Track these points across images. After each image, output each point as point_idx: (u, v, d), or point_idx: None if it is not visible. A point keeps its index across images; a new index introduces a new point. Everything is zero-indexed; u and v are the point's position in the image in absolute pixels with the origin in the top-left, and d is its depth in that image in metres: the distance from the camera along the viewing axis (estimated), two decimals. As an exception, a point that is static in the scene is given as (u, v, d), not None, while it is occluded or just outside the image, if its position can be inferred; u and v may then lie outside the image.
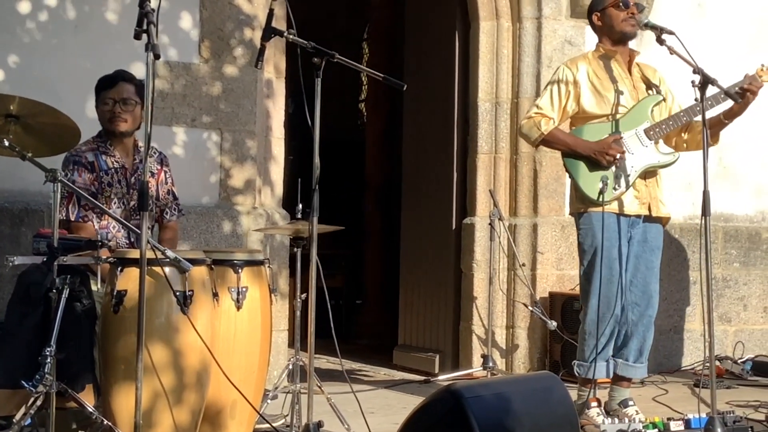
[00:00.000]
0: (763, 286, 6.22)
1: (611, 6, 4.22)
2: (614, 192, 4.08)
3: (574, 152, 4.13)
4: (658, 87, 4.29)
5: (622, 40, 4.27)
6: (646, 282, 4.21)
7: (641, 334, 4.22)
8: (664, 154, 4.20)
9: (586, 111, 4.19)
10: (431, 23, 6.10)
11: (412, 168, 6.33)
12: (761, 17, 6.27)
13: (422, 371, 5.76)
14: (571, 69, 4.22)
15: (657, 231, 4.26)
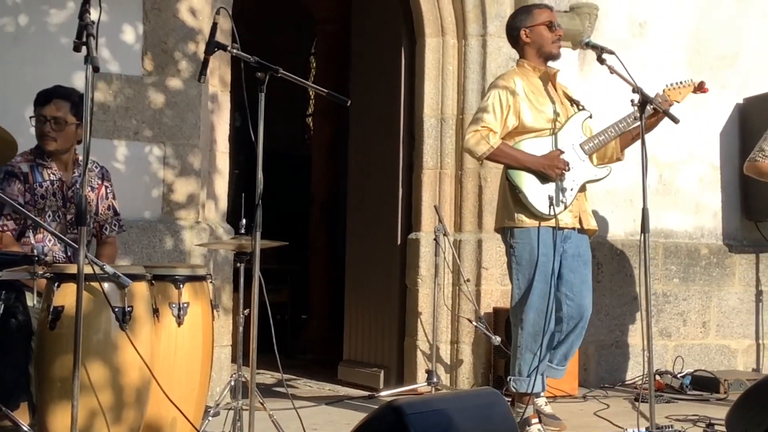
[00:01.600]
0: (701, 302, 6.32)
1: (542, 25, 4.29)
2: (561, 206, 4.13)
3: (522, 166, 4.13)
4: (579, 103, 4.37)
5: (547, 60, 4.34)
6: (582, 296, 4.25)
7: (570, 342, 4.30)
8: (599, 168, 4.29)
9: (525, 125, 4.22)
10: (377, 39, 6.12)
11: (357, 183, 6.33)
12: (699, 36, 6.40)
13: (367, 387, 5.74)
14: (508, 84, 4.25)
15: (587, 245, 4.33)
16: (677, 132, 6.04)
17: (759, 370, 6.33)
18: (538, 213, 4.11)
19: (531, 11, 4.41)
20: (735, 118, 6.48)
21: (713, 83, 6.45)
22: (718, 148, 6.45)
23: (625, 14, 6.19)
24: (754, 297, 6.45)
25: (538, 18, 4.31)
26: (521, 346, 4.20)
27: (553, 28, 4.29)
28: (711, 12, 6.44)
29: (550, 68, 4.38)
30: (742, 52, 6.53)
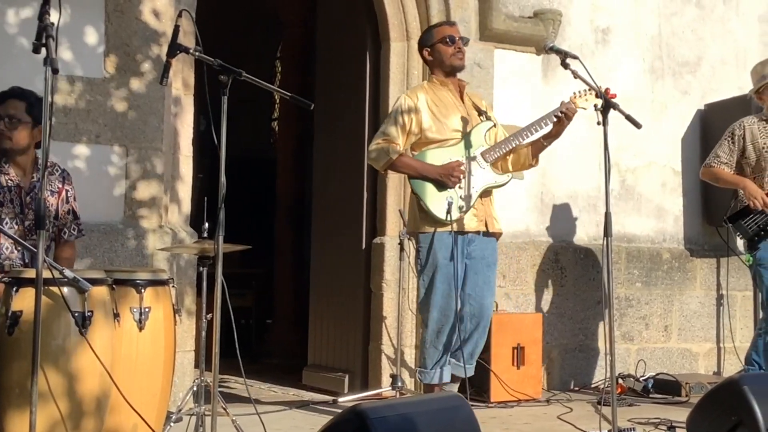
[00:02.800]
0: (663, 306, 6.38)
1: (439, 42, 4.58)
2: (459, 212, 4.39)
3: (421, 175, 4.41)
4: (487, 113, 4.64)
5: (452, 72, 4.63)
6: (483, 296, 4.56)
7: (474, 340, 4.59)
8: (499, 175, 4.55)
9: (428, 137, 4.50)
10: (342, 43, 6.12)
11: (322, 187, 6.32)
12: (661, 42, 6.47)
13: (331, 391, 5.72)
14: (411, 98, 4.54)
15: (492, 248, 4.62)
16: (639, 137, 6.13)
17: (720, 374, 6.40)
18: (437, 219, 4.37)
19: (432, 30, 4.75)
20: (696, 123, 6.56)
21: (675, 89, 6.58)
22: (680, 153, 6.52)
23: (588, 20, 6.24)
24: (715, 301, 6.53)
25: (437, 35, 4.63)
26: (426, 341, 4.52)
27: (452, 42, 4.57)
28: (673, 19, 6.51)
29: (462, 81, 4.69)
30: (703, 58, 6.61)
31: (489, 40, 5.81)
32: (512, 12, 5.92)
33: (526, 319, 5.59)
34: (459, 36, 4.62)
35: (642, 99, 6.38)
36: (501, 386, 5.29)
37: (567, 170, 6.11)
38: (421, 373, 4.56)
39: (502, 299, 5.80)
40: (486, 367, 5.29)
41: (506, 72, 5.91)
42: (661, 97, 6.46)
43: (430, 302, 4.45)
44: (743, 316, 6.53)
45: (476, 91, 5.73)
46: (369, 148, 4.55)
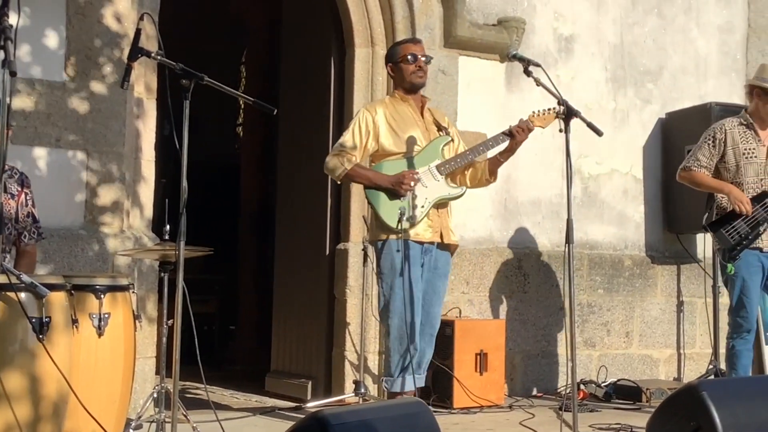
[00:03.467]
0: (625, 312, 6.44)
1: (401, 60, 4.67)
2: (411, 221, 4.47)
3: (374, 185, 4.51)
4: (447, 129, 4.74)
5: (412, 90, 4.72)
6: (431, 304, 4.62)
7: (422, 350, 4.61)
8: (453, 188, 4.65)
9: (385, 149, 4.61)
10: (307, 49, 6.11)
11: (286, 192, 6.30)
12: (623, 51, 6.54)
13: (295, 398, 5.70)
14: (370, 112, 4.65)
15: (446, 260, 4.70)
16: (602, 145, 6.19)
17: (680, 379, 6.47)
18: (389, 227, 4.46)
19: (397, 47, 4.84)
20: (658, 132, 6.63)
21: (637, 98, 6.65)
22: (642, 161, 6.59)
23: (552, 29, 6.29)
24: (676, 307, 6.60)
25: (400, 53, 4.72)
26: (389, 349, 4.55)
27: (414, 60, 4.66)
28: (634, 28, 6.58)
29: (424, 98, 4.79)
30: (665, 67, 6.69)
31: (453, 47, 5.83)
32: (476, 19, 5.95)
33: (489, 325, 5.61)
34: (422, 54, 4.70)
35: (604, 107, 6.45)
36: (464, 392, 5.30)
37: (530, 177, 6.15)
38: (387, 382, 4.57)
39: (466, 305, 5.81)
40: (449, 373, 5.30)
41: (470, 79, 5.94)
42: (623, 106, 6.53)
43: (390, 309, 4.50)
44: (703, 323, 6.60)
45: (440, 97, 5.78)
46: (326, 158, 4.65)
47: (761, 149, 5.11)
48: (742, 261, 5.08)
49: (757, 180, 5.10)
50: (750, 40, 6.99)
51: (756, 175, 5.10)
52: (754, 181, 5.10)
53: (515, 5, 6.13)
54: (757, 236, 5.06)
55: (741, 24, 6.97)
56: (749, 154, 5.10)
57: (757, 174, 5.10)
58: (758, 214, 5.04)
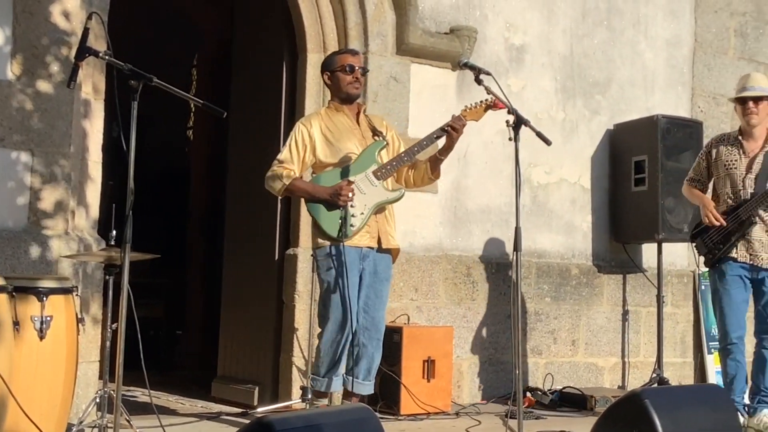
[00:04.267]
0: (571, 320, 6.50)
1: (339, 70, 4.72)
2: (351, 229, 4.54)
3: (313, 198, 4.58)
4: (383, 134, 4.78)
5: (347, 100, 4.77)
6: (376, 309, 4.68)
7: (370, 355, 4.68)
8: (391, 192, 4.70)
9: (322, 161, 4.67)
10: (259, 53, 6.08)
11: (236, 197, 6.26)
12: (573, 62, 6.61)
13: (241, 403, 5.65)
14: (306, 126, 4.72)
15: (387, 264, 4.74)
16: (551, 155, 6.26)
17: (624, 387, 6.55)
18: (331, 237, 4.54)
19: (334, 57, 4.87)
20: (606, 143, 6.72)
21: (586, 109, 6.73)
22: (590, 171, 6.67)
23: (503, 39, 6.34)
24: (621, 316, 6.68)
25: (338, 62, 4.76)
26: (321, 351, 4.61)
27: (351, 71, 4.71)
28: (584, 40, 6.67)
29: (360, 103, 4.84)
30: (613, 79, 6.79)
31: (406, 54, 5.85)
32: (429, 27, 5.98)
33: (437, 332, 5.62)
34: (359, 65, 4.75)
35: (554, 117, 6.51)
36: (411, 399, 5.30)
37: (480, 186, 6.18)
38: (314, 380, 4.67)
39: (414, 312, 5.83)
40: (396, 379, 5.30)
41: (422, 86, 5.96)
42: (572, 116, 6.60)
43: (327, 315, 4.57)
44: (647, 332, 6.70)
45: (392, 104, 5.79)
46: (266, 174, 4.71)
47: (743, 161, 5.23)
48: (717, 271, 5.23)
49: (735, 191, 5.23)
50: (696, 54, 7.12)
51: (734, 187, 5.23)
52: (732, 192, 5.24)
53: (467, 14, 6.17)
54: (729, 247, 5.18)
55: (688, 38, 7.10)
56: (730, 165, 5.26)
57: (735, 185, 5.23)
58: (730, 226, 5.18)
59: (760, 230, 5.16)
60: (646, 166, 6.39)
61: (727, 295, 5.20)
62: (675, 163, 6.34)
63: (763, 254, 5.16)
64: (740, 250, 5.19)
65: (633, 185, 6.50)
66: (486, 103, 4.58)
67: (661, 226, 6.27)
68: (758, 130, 5.26)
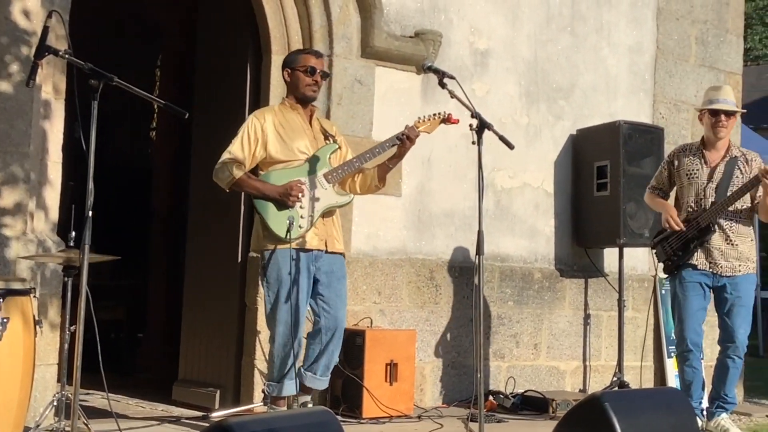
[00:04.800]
0: (534, 324, 6.53)
1: (300, 69, 4.70)
2: (300, 230, 4.52)
3: (262, 195, 4.53)
4: (334, 137, 4.79)
5: (303, 101, 4.76)
6: (337, 308, 4.68)
7: (330, 352, 4.68)
8: (341, 196, 4.70)
9: (273, 157, 4.63)
10: (223, 54, 6.05)
11: (199, 199, 6.21)
12: (536, 67, 6.65)
13: (202, 407, 5.61)
14: (259, 119, 4.67)
15: (340, 262, 4.76)
16: (514, 159, 6.29)
17: (585, 391, 6.59)
18: (277, 236, 4.50)
19: (298, 55, 4.86)
20: (569, 147, 6.76)
21: (549, 114, 6.78)
22: (553, 176, 6.70)
23: (468, 43, 6.36)
24: (582, 320, 6.73)
25: (300, 61, 4.75)
26: (273, 355, 4.59)
27: (311, 73, 4.71)
28: (548, 45, 6.71)
29: (312, 106, 4.83)
30: (576, 85, 6.83)
31: (370, 57, 5.85)
32: (394, 31, 5.98)
33: (400, 335, 5.62)
34: (321, 69, 4.75)
35: (517, 122, 6.55)
36: (373, 402, 5.29)
37: (444, 189, 6.20)
38: (269, 386, 4.64)
39: (377, 315, 5.82)
40: (359, 383, 5.29)
41: (386, 89, 5.96)
42: (536, 121, 6.64)
43: (276, 317, 4.54)
44: (608, 336, 6.75)
45: (356, 106, 5.79)
46: (215, 166, 4.63)
47: (705, 170, 5.29)
48: (677, 278, 5.30)
49: (696, 200, 5.30)
50: (658, 61, 7.20)
51: (695, 196, 5.31)
52: (693, 201, 5.32)
53: (432, 18, 6.19)
54: (688, 254, 5.24)
55: (650, 45, 7.18)
56: (692, 175, 5.33)
57: (696, 194, 5.30)
58: (689, 233, 5.25)
59: (719, 238, 5.23)
60: (608, 172, 6.45)
61: (686, 302, 5.27)
62: (636, 169, 6.40)
63: (722, 262, 5.23)
64: (700, 258, 5.25)
65: (595, 190, 6.55)
66: (440, 117, 4.63)
67: (623, 231, 6.33)
68: (722, 141, 5.33)
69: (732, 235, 5.22)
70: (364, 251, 5.82)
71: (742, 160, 5.28)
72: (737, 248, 5.22)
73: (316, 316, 4.69)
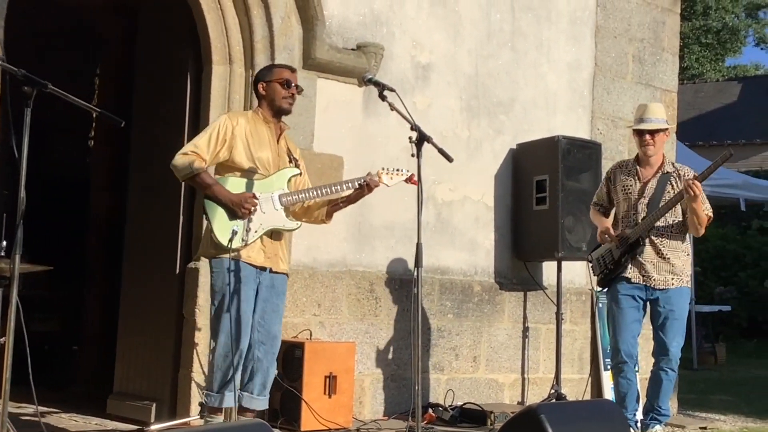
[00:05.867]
0: (473, 337, 6.57)
1: (276, 82, 4.68)
2: (241, 242, 4.48)
3: (215, 197, 4.48)
4: (297, 161, 4.78)
5: (278, 113, 4.74)
6: (271, 323, 4.63)
7: (265, 370, 4.62)
8: (290, 221, 4.67)
9: (235, 162, 4.58)
10: (163, 64, 5.99)
11: (138, 209, 6.13)
12: (477, 82, 6.71)
13: (138, 420, 5.53)
14: (232, 121, 4.62)
15: (282, 279, 4.72)
16: (455, 173, 6.33)
17: (524, 403, 6.64)
18: (219, 243, 4.46)
19: (273, 68, 4.85)
20: (509, 161, 6.83)
21: (490, 128, 6.84)
22: (493, 189, 6.76)
23: (410, 56, 6.40)
24: (521, 333, 6.79)
25: (276, 75, 4.74)
26: (214, 365, 4.52)
27: (288, 86, 4.70)
28: (489, 60, 6.78)
29: (284, 124, 4.80)
30: (516, 100, 6.91)
31: (312, 69, 5.85)
32: (336, 43, 5.99)
33: (340, 348, 5.61)
34: (296, 83, 4.75)
35: (459, 135, 6.59)
36: (312, 415, 5.27)
37: (385, 202, 6.19)
38: (207, 396, 4.58)
39: (317, 328, 5.80)
40: (297, 395, 5.26)
41: (328, 101, 5.96)
42: (477, 135, 6.70)
43: (219, 327, 4.49)
44: (547, 348, 6.82)
45: (298, 118, 5.77)
46: (176, 155, 4.55)
47: (637, 186, 5.40)
48: (612, 290, 5.40)
49: (629, 215, 5.41)
50: (596, 78, 7.32)
51: (629, 211, 5.42)
52: (627, 216, 5.43)
53: (375, 31, 6.21)
54: (620, 267, 5.33)
55: (588, 62, 7.29)
56: (627, 191, 5.46)
57: (629, 210, 5.41)
58: (621, 247, 5.36)
59: (651, 252, 5.34)
60: (547, 186, 6.53)
61: (620, 314, 5.36)
62: (575, 183, 6.50)
63: (655, 275, 5.33)
64: (633, 271, 5.35)
65: (534, 204, 6.62)
66: (404, 175, 4.68)
67: (561, 244, 6.41)
68: (654, 158, 5.45)
69: (664, 249, 5.33)
70: (304, 263, 5.80)
71: (674, 176, 5.40)
72: (669, 262, 5.33)
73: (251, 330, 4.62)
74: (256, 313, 4.58)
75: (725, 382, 9.73)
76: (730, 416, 7.28)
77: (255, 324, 4.58)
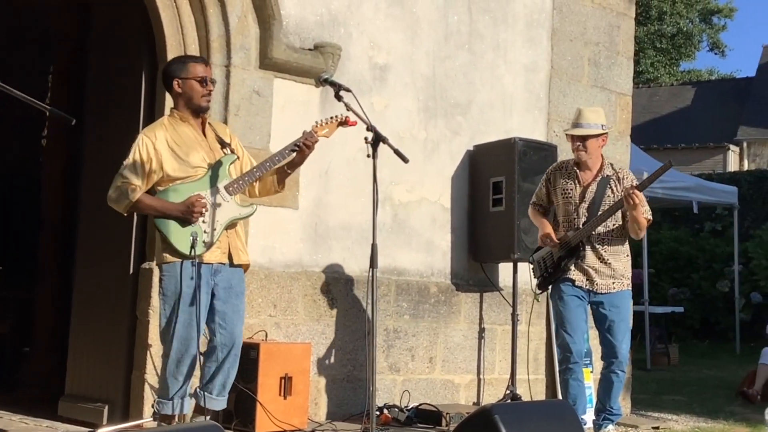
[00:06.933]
0: (429, 338, 6.58)
1: (193, 79, 4.55)
2: (204, 245, 4.43)
3: (163, 214, 4.42)
4: (230, 145, 4.67)
5: (197, 112, 4.62)
6: (233, 324, 4.58)
7: (226, 371, 4.60)
8: (243, 207, 4.62)
9: (170, 175, 4.50)
10: (117, 61, 5.92)
11: (90, 209, 6.05)
12: (435, 83, 6.72)
13: (89, 422, 5.45)
14: (150, 137, 4.52)
15: (240, 278, 4.67)
16: (412, 174, 6.34)
17: (479, 404, 6.66)
18: (182, 254, 4.39)
19: (186, 63, 4.68)
20: (466, 163, 6.85)
21: (447, 129, 6.86)
22: (450, 191, 6.78)
23: (367, 57, 6.39)
24: (477, 334, 6.81)
25: (191, 71, 4.59)
26: (166, 371, 4.47)
27: (204, 83, 4.58)
28: (446, 62, 6.79)
29: (203, 115, 4.66)
30: (473, 101, 6.93)
31: (269, 68, 5.82)
32: (293, 43, 5.96)
33: (295, 349, 5.59)
34: (211, 78, 4.65)
35: (416, 136, 6.60)
36: (267, 417, 5.25)
37: (342, 203, 6.19)
38: (160, 404, 4.50)
39: (272, 329, 5.77)
40: (252, 397, 5.23)
41: (285, 101, 5.94)
42: (434, 136, 6.71)
43: (171, 332, 4.43)
44: (502, 349, 6.85)
45: (254, 118, 5.74)
46: (109, 191, 4.50)
47: (578, 190, 5.42)
48: (557, 292, 5.42)
49: (570, 219, 5.44)
50: (552, 80, 7.37)
51: (569, 214, 5.45)
52: (567, 219, 5.47)
53: (332, 32, 6.19)
54: (560, 271, 5.36)
55: (545, 65, 7.34)
56: (567, 194, 5.48)
57: (570, 213, 5.44)
58: (561, 251, 5.39)
59: (593, 257, 5.39)
60: (504, 187, 6.56)
61: (571, 314, 5.39)
62: (531, 185, 6.52)
63: (598, 280, 5.38)
64: (578, 274, 5.39)
65: (491, 205, 6.65)
66: (338, 120, 4.59)
67: (517, 246, 6.44)
68: (591, 161, 5.49)
69: (605, 254, 5.38)
70: (260, 263, 5.76)
71: (614, 179, 5.45)
72: (611, 266, 5.39)
73: (212, 333, 4.58)
74: (217, 316, 4.52)
75: (678, 382, 9.86)
76: (682, 416, 7.37)
77: (216, 326, 4.53)
